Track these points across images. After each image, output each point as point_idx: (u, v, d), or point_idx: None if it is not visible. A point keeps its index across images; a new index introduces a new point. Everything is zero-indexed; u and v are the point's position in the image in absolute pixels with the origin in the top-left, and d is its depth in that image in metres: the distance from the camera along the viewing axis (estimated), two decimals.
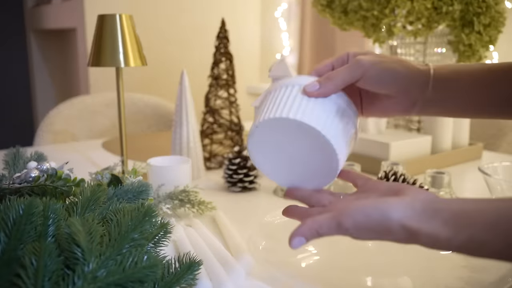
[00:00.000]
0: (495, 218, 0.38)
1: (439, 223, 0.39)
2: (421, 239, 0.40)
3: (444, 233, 0.39)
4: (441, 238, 0.39)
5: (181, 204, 0.74)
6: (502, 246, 0.38)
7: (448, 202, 0.41)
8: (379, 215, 0.41)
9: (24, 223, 0.43)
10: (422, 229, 0.40)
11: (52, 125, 1.50)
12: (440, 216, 0.40)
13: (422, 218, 0.40)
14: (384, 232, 0.41)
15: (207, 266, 0.55)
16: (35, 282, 0.38)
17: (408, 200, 0.42)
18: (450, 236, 0.39)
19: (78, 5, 2.11)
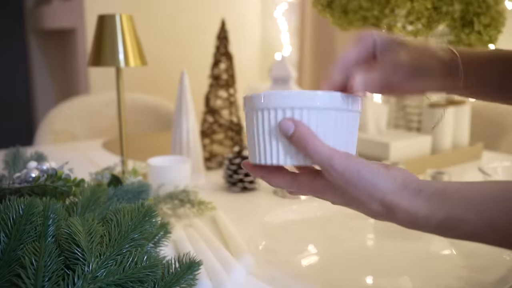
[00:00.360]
0: (475, 196, 0.38)
1: (420, 200, 0.39)
2: (398, 215, 0.40)
3: (423, 210, 0.39)
4: (420, 216, 0.39)
5: (181, 204, 0.74)
6: (480, 225, 0.37)
7: (431, 182, 0.41)
8: (368, 176, 0.40)
9: (24, 223, 0.43)
10: (402, 204, 0.39)
11: (52, 125, 1.50)
12: (422, 194, 0.39)
13: (404, 194, 0.39)
14: (363, 198, 0.41)
15: (207, 266, 0.55)
16: (35, 282, 0.38)
17: (393, 173, 0.41)
18: (429, 214, 0.39)
19: (78, 5, 2.11)
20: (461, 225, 0.38)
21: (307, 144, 0.41)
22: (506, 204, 0.37)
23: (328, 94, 0.42)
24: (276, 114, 0.42)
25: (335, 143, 0.43)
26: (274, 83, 1.03)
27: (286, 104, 0.42)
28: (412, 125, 1.14)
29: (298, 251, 0.63)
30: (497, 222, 0.37)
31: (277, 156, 0.44)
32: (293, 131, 0.42)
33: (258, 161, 0.45)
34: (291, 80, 1.03)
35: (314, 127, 0.42)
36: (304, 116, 0.42)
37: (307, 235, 0.67)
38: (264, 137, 0.44)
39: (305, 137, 0.41)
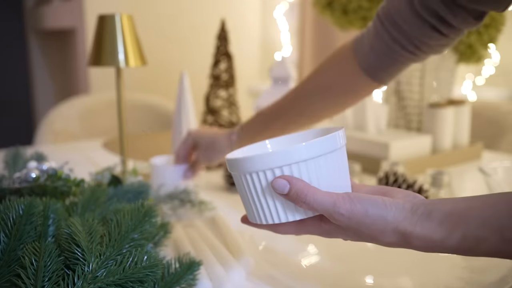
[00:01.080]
0: (487, 213, 0.37)
1: (432, 224, 0.38)
2: (414, 242, 0.39)
3: (438, 234, 0.38)
4: (435, 239, 0.39)
5: (181, 204, 0.74)
6: (497, 241, 0.37)
7: (438, 202, 0.40)
8: (376, 212, 0.39)
9: (24, 223, 0.43)
10: (415, 231, 0.39)
11: (52, 125, 1.50)
12: (432, 218, 0.39)
13: (414, 221, 0.39)
14: (376, 234, 0.40)
15: (207, 266, 0.55)
16: (35, 282, 0.38)
17: (400, 202, 0.40)
18: (444, 237, 0.38)
19: (78, 5, 2.11)
20: (479, 244, 0.38)
21: (306, 197, 0.40)
22: None
23: (311, 144, 0.40)
24: (266, 175, 0.41)
25: (331, 185, 0.42)
26: (274, 83, 1.03)
27: (273, 164, 0.41)
28: (412, 125, 1.14)
29: (298, 251, 0.63)
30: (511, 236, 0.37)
31: (277, 215, 0.42)
32: (288, 188, 0.41)
33: (259, 221, 0.44)
34: (291, 81, 1.03)
35: (307, 178, 0.41)
36: (295, 171, 0.41)
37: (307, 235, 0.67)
38: (259, 199, 0.42)
39: (302, 191, 0.40)
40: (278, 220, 0.43)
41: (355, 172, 0.86)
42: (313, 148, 0.40)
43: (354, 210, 0.40)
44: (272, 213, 0.42)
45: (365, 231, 0.40)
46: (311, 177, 0.41)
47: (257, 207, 0.43)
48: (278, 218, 0.43)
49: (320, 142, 0.41)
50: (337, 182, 0.43)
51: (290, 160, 0.40)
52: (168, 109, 1.72)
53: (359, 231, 0.41)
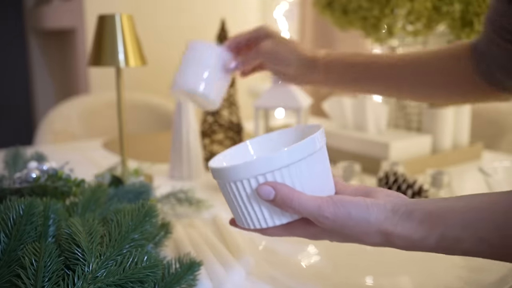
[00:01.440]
0: (468, 214, 0.38)
1: (413, 224, 0.39)
2: (396, 242, 0.40)
3: (418, 233, 0.39)
4: (415, 239, 0.39)
5: (179, 203, 0.75)
6: (474, 241, 0.38)
7: (420, 202, 0.41)
8: (359, 215, 0.40)
9: (25, 224, 0.43)
10: (396, 231, 0.40)
11: (52, 125, 1.50)
12: (413, 217, 0.39)
13: (395, 221, 0.40)
14: (360, 235, 0.41)
15: (207, 266, 0.55)
16: (35, 282, 0.38)
17: (381, 203, 0.41)
18: (423, 236, 0.39)
19: (78, 5, 2.11)
20: (457, 244, 0.38)
21: (292, 202, 0.41)
22: (494, 217, 0.37)
23: (291, 149, 0.41)
24: (250, 183, 0.42)
25: (315, 187, 0.43)
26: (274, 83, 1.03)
27: (256, 172, 0.41)
28: (412, 125, 1.14)
29: (298, 251, 0.63)
30: (488, 237, 0.37)
31: (264, 220, 0.43)
32: (274, 195, 0.41)
33: (247, 226, 0.45)
34: None
35: (290, 183, 0.42)
36: (278, 177, 0.41)
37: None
38: (246, 205, 0.43)
39: (288, 196, 0.41)
40: (266, 225, 0.43)
41: (355, 172, 0.86)
42: (294, 153, 0.41)
43: (338, 213, 0.40)
44: (259, 218, 0.43)
45: (350, 233, 0.41)
46: (294, 181, 0.42)
47: (243, 213, 0.44)
48: (265, 223, 0.43)
49: (300, 146, 0.41)
50: (320, 183, 0.43)
51: (273, 167, 0.41)
52: (168, 109, 1.72)
53: (343, 233, 0.42)
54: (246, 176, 0.41)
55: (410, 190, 0.77)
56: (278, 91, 0.98)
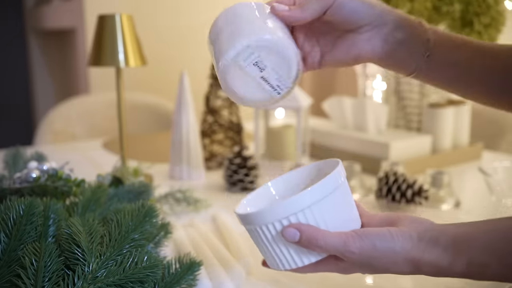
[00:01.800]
0: (492, 240, 0.38)
1: (439, 250, 0.39)
2: (424, 269, 0.40)
3: (445, 260, 0.39)
4: (443, 266, 0.39)
5: (177, 203, 0.75)
6: (501, 267, 0.38)
7: (443, 228, 0.41)
8: (384, 245, 0.40)
9: (25, 224, 0.43)
10: (423, 258, 0.40)
11: (52, 125, 1.50)
12: (438, 244, 0.39)
13: (422, 248, 0.40)
14: (389, 265, 0.41)
15: (207, 266, 0.55)
16: (35, 282, 0.38)
17: (405, 231, 0.41)
18: (451, 263, 0.39)
19: (78, 5, 2.11)
20: (484, 270, 0.38)
21: (317, 242, 0.41)
22: None
23: (313, 189, 0.41)
24: (275, 226, 0.42)
25: (339, 222, 0.43)
26: None
27: (280, 216, 0.42)
28: (412, 125, 1.14)
29: None
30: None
31: (293, 261, 0.44)
32: (299, 236, 0.41)
33: (277, 267, 0.45)
34: None
35: (314, 222, 0.42)
36: (301, 218, 0.42)
37: None
38: (274, 248, 0.44)
39: (313, 236, 0.41)
40: (295, 265, 0.44)
41: (355, 172, 0.86)
42: (315, 193, 0.41)
43: (364, 246, 0.40)
44: (288, 259, 0.44)
45: (377, 264, 0.41)
46: (318, 220, 0.42)
47: (273, 255, 0.44)
48: (294, 263, 0.44)
49: (320, 186, 0.42)
50: (344, 218, 0.44)
51: (295, 209, 0.41)
52: (168, 109, 1.72)
53: (371, 265, 0.42)
54: (271, 220, 0.42)
55: (410, 190, 0.77)
56: None
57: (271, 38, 0.44)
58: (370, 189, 0.86)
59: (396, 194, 0.78)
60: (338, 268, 0.45)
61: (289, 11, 0.45)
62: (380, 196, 0.80)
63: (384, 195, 0.79)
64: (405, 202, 0.77)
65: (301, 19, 0.45)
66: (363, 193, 0.86)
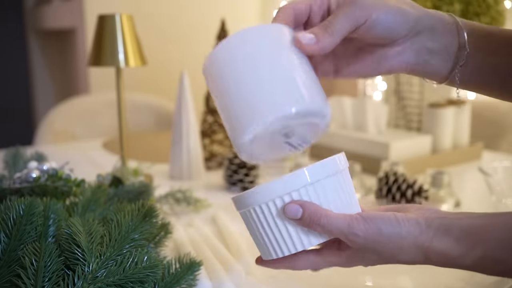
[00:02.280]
0: (506, 234, 0.37)
1: (450, 240, 0.38)
2: (433, 257, 0.39)
3: (456, 250, 0.38)
4: (453, 256, 0.38)
5: (177, 203, 0.75)
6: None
7: (455, 217, 0.39)
8: (390, 230, 0.39)
9: (25, 224, 0.43)
10: (432, 246, 0.38)
11: (52, 125, 1.50)
12: (449, 233, 0.38)
13: (430, 235, 0.38)
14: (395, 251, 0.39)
15: (207, 266, 0.55)
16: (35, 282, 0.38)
17: (412, 217, 0.39)
18: (463, 253, 0.38)
19: (78, 5, 2.11)
20: (497, 266, 0.38)
21: (320, 219, 0.39)
22: None
23: (313, 166, 0.40)
24: (275, 204, 0.40)
25: (341, 206, 0.42)
26: None
27: (282, 192, 0.40)
28: (412, 125, 1.14)
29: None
30: None
31: (292, 244, 0.41)
32: (301, 212, 0.39)
33: (275, 255, 0.42)
34: None
35: (317, 201, 0.40)
36: (304, 195, 0.40)
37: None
38: (272, 231, 0.41)
39: (316, 214, 0.39)
40: (294, 249, 0.41)
41: (355, 172, 0.86)
42: (319, 170, 0.40)
43: (369, 229, 0.39)
44: (287, 243, 0.41)
45: (383, 250, 0.39)
46: (321, 200, 0.40)
47: (270, 241, 0.42)
48: (294, 247, 0.41)
49: (325, 163, 0.40)
50: (346, 202, 0.42)
51: (297, 185, 0.40)
52: (168, 109, 1.72)
53: (376, 251, 0.40)
54: (271, 197, 0.40)
55: (410, 190, 0.77)
56: None
57: (305, 109, 0.37)
58: (370, 189, 0.86)
59: (396, 194, 0.78)
60: (340, 260, 0.43)
61: (317, 42, 0.39)
62: (380, 196, 0.80)
63: (384, 195, 0.79)
64: (405, 202, 0.77)
65: (332, 45, 0.39)
66: (363, 193, 0.86)
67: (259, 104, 0.37)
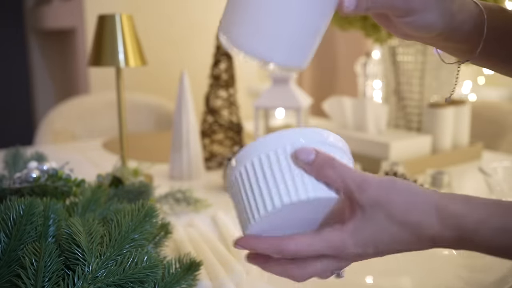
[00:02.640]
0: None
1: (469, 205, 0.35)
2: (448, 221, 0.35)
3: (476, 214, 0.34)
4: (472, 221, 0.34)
5: (177, 203, 0.75)
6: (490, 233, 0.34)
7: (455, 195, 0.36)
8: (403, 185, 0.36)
9: (25, 224, 0.43)
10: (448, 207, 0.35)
11: (52, 125, 1.50)
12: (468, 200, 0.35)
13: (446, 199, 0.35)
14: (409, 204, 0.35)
15: (207, 266, 0.55)
16: (35, 282, 0.38)
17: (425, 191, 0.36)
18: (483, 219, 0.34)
19: (78, 5, 2.11)
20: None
21: (334, 162, 0.36)
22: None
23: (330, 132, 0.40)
24: (285, 150, 0.37)
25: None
26: (274, 83, 1.03)
27: (297, 141, 0.37)
28: (412, 125, 1.14)
29: None
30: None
31: (295, 191, 0.36)
32: (314, 156, 0.36)
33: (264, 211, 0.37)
34: (291, 81, 1.03)
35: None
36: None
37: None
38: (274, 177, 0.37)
39: (329, 157, 0.37)
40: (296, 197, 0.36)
41: None
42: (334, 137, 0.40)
43: (383, 179, 0.36)
44: (290, 189, 0.36)
45: (395, 206, 0.35)
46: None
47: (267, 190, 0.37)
48: (296, 194, 0.36)
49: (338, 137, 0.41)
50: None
51: (313, 139, 0.38)
52: (168, 109, 1.72)
53: (388, 212, 0.35)
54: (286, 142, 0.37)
55: None
56: (278, 91, 0.98)
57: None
58: None
59: None
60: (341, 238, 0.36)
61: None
62: None
63: None
64: None
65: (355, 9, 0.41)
66: None
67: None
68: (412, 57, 1.13)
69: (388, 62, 1.16)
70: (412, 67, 1.11)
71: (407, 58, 1.12)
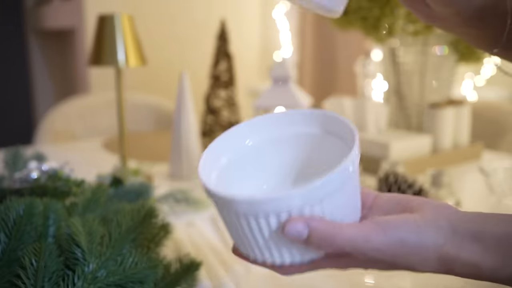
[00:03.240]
0: None
1: (480, 249, 0.32)
2: (457, 269, 0.33)
3: (488, 262, 0.32)
4: (483, 268, 0.32)
5: (177, 203, 0.75)
6: None
7: (484, 222, 0.33)
8: (413, 240, 0.32)
9: (25, 224, 0.43)
10: (460, 257, 0.32)
11: (52, 124, 1.50)
12: (481, 241, 0.32)
13: (457, 244, 0.32)
14: (415, 261, 0.33)
15: (207, 266, 0.55)
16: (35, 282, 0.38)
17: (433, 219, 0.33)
18: (496, 266, 0.32)
19: (78, 5, 2.11)
20: None
21: (335, 240, 0.32)
22: None
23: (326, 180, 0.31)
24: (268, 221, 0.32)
25: (347, 211, 0.34)
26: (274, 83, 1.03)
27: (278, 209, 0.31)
28: (412, 125, 1.14)
29: None
30: None
31: (290, 255, 0.34)
32: (307, 234, 0.32)
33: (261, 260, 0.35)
34: (291, 81, 1.03)
35: (320, 214, 0.32)
36: (306, 211, 0.32)
37: None
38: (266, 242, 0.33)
39: (328, 234, 0.32)
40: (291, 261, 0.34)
41: None
42: (331, 182, 0.31)
43: (390, 241, 0.32)
44: (284, 254, 0.34)
45: (401, 261, 0.33)
46: (325, 211, 0.32)
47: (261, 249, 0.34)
48: (291, 258, 0.34)
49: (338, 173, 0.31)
50: (353, 205, 0.35)
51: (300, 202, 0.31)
52: (168, 109, 1.72)
53: (394, 263, 0.33)
54: (265, 213, 0.31)
55: (410, 190, 0.77)
56: (278, 91, 0.98)
57: None
58: None
59: None
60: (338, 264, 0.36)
61: None
62: None
63: None
64: None
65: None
66: None
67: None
68: (412, 57, 1.13)
69: (388, 62, 1.16)
70: (412, 67, 1.11)
71: (407, 58, 1.12)
